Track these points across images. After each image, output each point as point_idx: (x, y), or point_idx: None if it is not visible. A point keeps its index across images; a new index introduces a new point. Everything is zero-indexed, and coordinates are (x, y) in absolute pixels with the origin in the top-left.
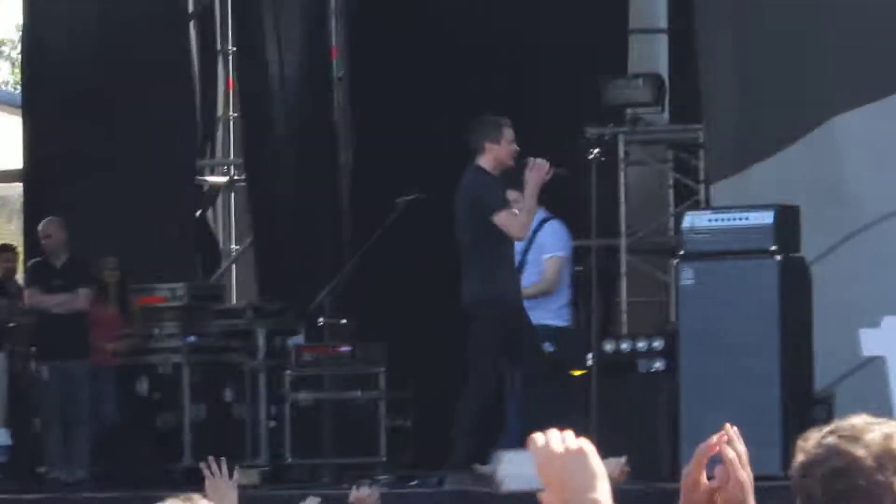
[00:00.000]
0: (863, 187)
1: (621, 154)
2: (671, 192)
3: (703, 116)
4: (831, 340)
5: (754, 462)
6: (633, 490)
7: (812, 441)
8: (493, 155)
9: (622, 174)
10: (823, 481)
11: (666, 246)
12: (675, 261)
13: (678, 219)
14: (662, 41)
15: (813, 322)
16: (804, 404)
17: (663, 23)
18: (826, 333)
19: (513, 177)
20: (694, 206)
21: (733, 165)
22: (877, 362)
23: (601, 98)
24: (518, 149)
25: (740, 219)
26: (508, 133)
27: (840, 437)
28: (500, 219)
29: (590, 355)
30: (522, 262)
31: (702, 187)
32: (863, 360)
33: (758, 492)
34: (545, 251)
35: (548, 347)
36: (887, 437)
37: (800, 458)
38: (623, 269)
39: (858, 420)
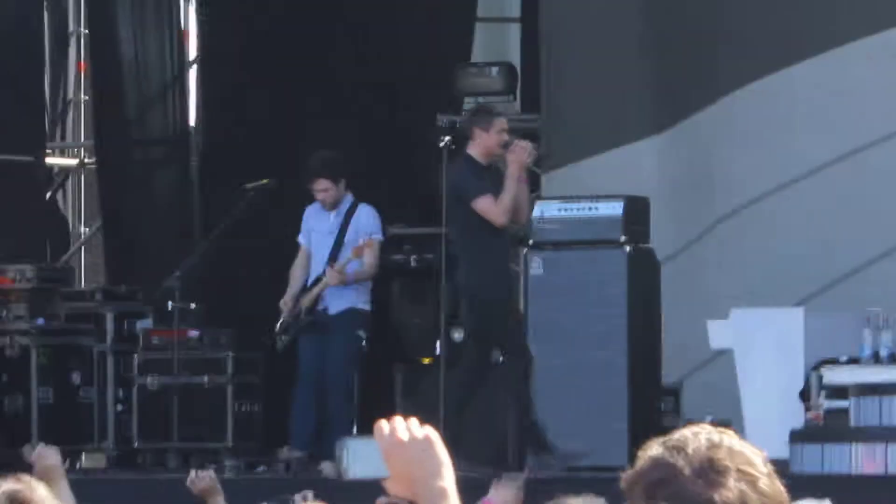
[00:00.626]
0: (727, 177)
1: None
2: None
3: (542, 105)
4: (685, 332)
5: (601, 454)
6: (480, 479)
7: (645, 451)
8: (483, 142)
9: None
10: (646, 492)
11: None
12: (524, 250)
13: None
14: (515, 30)
15: (662, 313)
16: (651, 395)
17: (516, 11)
18: (681, 325)
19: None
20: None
21: (571, 155)
22: (727, 354)
23: (453, 86)
24: (508, 139)
25: (590, 209)
26: (499, 122)
27: (665, 447)
28: (480, 205)
29: (438, 343)
30: (337, 245)
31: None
32: (714, 352)
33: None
34: (363, 233)
35: (361, 334)
36: (712, 446)
37: (634, 467)
38: None
39: (690, 430)
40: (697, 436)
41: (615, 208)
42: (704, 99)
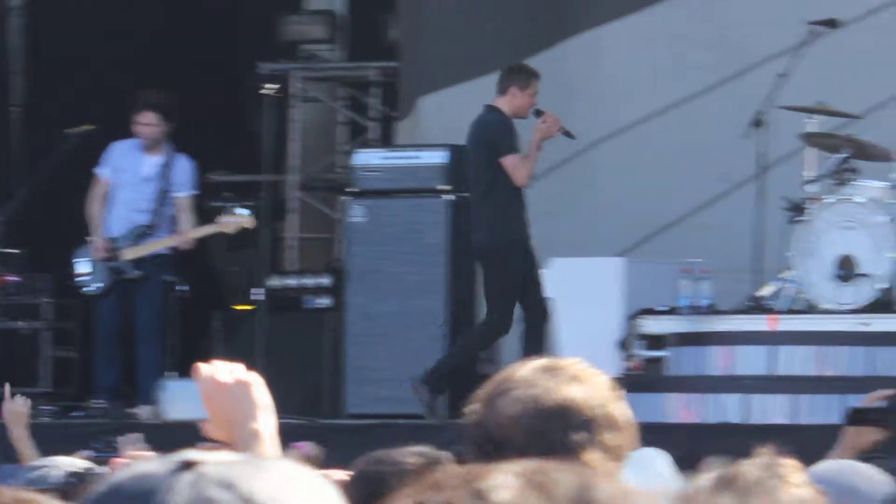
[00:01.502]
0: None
1: (293, 90)
2: (343, 129)
3: (400, 53)
4: None
5: (418, 401)
6: (295, 425)
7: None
8: (516, 101)
9: (293, 111)
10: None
11: (336, 183)
12: (345, 198)
13: (349, 156)
14: None
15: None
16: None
17: None
18: None
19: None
20: (365, 143)
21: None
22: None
23: (276, 34)
24: (537, 102)
25: (412, 158)
26: (535, 85)
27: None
28: (509, 162)
29: (259, 290)
30: (162, 195)
31: (372, 125)
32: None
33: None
34: (178, 190)
35: (168, 278)
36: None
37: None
38: (292, 205)
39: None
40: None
41: (439, 157)
42: (541, 43)
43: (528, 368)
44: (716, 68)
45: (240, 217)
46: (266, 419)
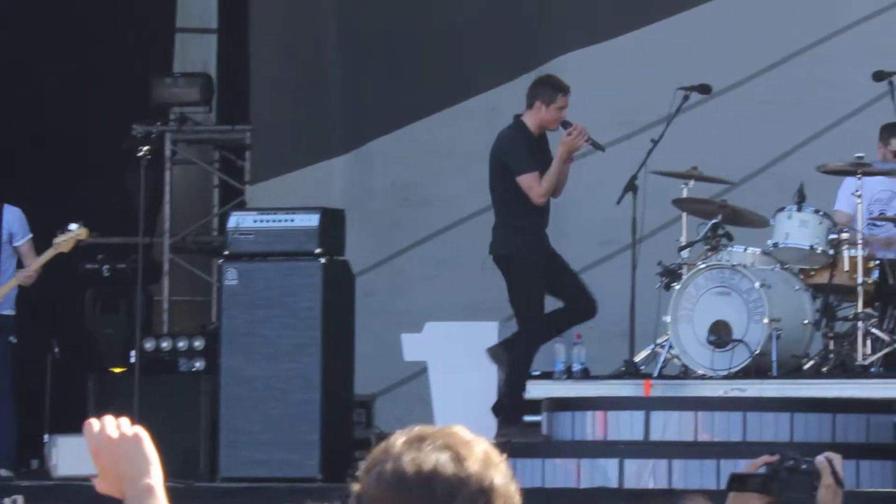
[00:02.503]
0: (431, 194)
1: (167, 153)
2: (216, 192)
3: (252, 117)
4: (382, 343)
5: (294, 465)
6: (171, 488)
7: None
8: (540, 115)
9: (168, 173)
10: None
11: (210, 245)
12: (219, 261)
13: (223, 219)
14: (212, 41)
15: (355, 325)
16: (344, 408)
17: (214, 22)
18: (377, 336)
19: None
20: (239, 206)
21: (278, 167)
22: (422, 366)
23: (150, 96)
24: (565, 116)
25: (286, 220)
26: (562, 100)
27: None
28: (524, 181)
29: (132, 353)
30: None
31: (247, 188)
32: (411, 364)
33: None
34: (18, 238)
35: (12, 340)
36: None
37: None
38: (166, 267)
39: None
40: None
41: (311, 220)
42: (413, 114)
43: (399, 439)
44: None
45: (72, 232)
46: (157, 474)
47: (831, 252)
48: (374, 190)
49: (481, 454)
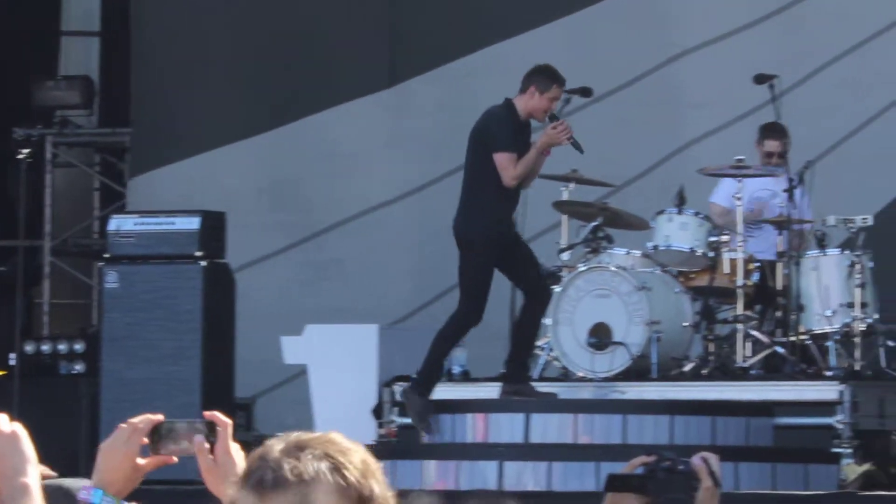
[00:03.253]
0: (317, 194)
1: (48, 156)
2: (97, 194)
3: (132, 119)
4: (262, 346)
5: (174, 467)
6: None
7: None
8: (533, 102)
9: (49, 176)
10: None
11: (91, 248)
12: (100, 263)
13: (104, 222)
14: (95, 44)
15: (235, 328)
16: (224, 410)
17: (96, 25)
18: (257, 339)
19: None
20: (119, 209)
21: (155, 164)
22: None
23: (31, 99)
24: (556, 108)
25: (166, 223)
26: (556, 91)
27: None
28: (500, 158)
29: (12, 356)
30: None
31: (128, 185)
32: (291, 367)
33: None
34: None
35: None
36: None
37: None
38: (47, 270)
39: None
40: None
41: (192, 223)
42: (297, 112)
43: (277, 446)
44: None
45: None
46: (34, 473)
47: (711, 255)
48: (251, 190)
49: (360, 463)
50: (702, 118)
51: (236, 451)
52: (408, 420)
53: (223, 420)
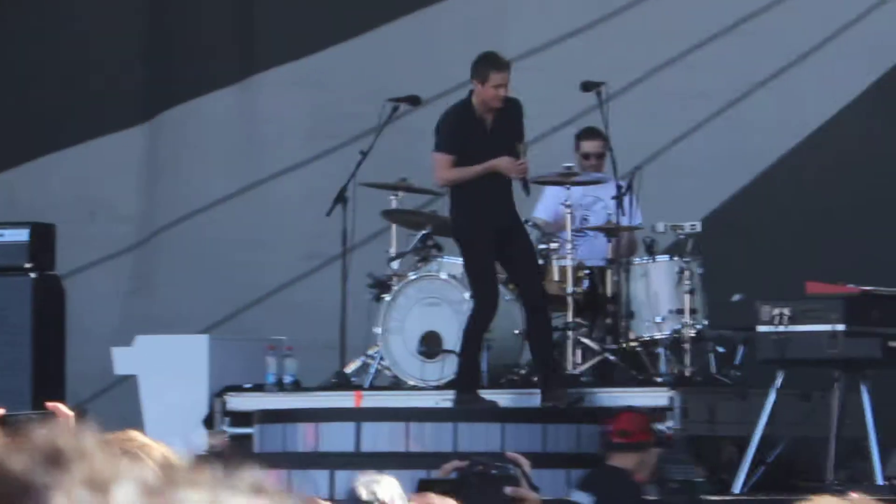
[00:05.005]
0: (130, 204)
1: None
2: None
3: None
4: (93, 357)
5: None
6: None
7: None
8: (481, 94)
9: None
10: None
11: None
12: None
13: None
14: None
15: (66, 340)
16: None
17: None
18: (88, 350)
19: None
20: None
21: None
22: (132, 380)
23: None
24: (504, 94)
25: None
26: (496, 77)
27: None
28: (434, 158)
29: None
30: None
31: None
32: (118, 378)
33: None
34: None
35: None
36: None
37: None
38: None
39: None
40: None
41: (21, 235)
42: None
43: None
44: (304, 145)
45: None
46: None
47: (541, 262)
48: (58, 203)
49: (160, 457)
50: (530, 125)
51: None
52: (239, 430)
53: (64, 412)
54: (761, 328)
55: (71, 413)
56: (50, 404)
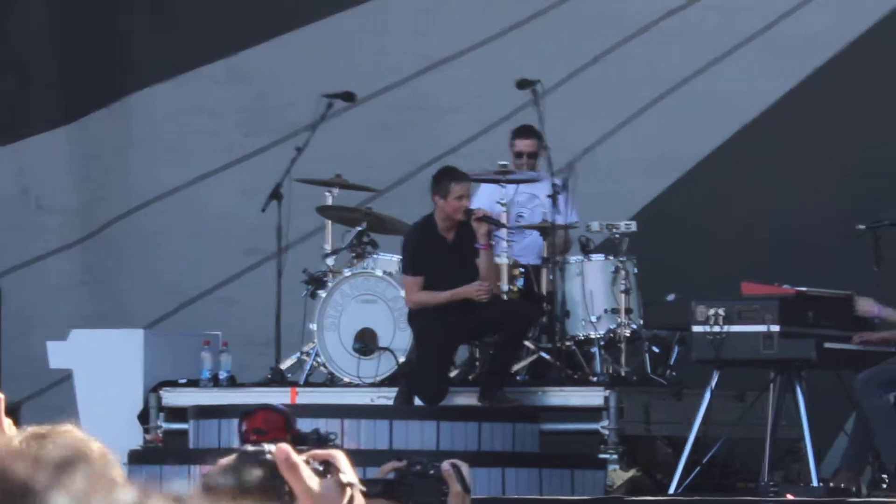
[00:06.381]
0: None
1: None
2: None
3: None
4: (23, 352)
5: None
6: None
7: None
8: (443, 210)
9: None
10: None
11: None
12: None
13: None
14: None
15: (1, 333)
16: None
17: None
18: (23, 343)
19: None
20: None
21: None
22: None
23: None
24: (467, 204)
25: None
26: (456, 188)
27: None
28: (403, 281)
29: None
30: None
31: None
32: (54, 373)
33: None
34: None
35: None
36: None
37: None
38: None
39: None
40: None
41: None
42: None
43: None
44: (241, 140)
45: None
46: None
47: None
48: (14, 191)
49: (97, 452)
50: (467, 122)
51: (8, 425)
52: (174, 425)
53: None
54: (696, 328)
55: (1, 395)
56: None
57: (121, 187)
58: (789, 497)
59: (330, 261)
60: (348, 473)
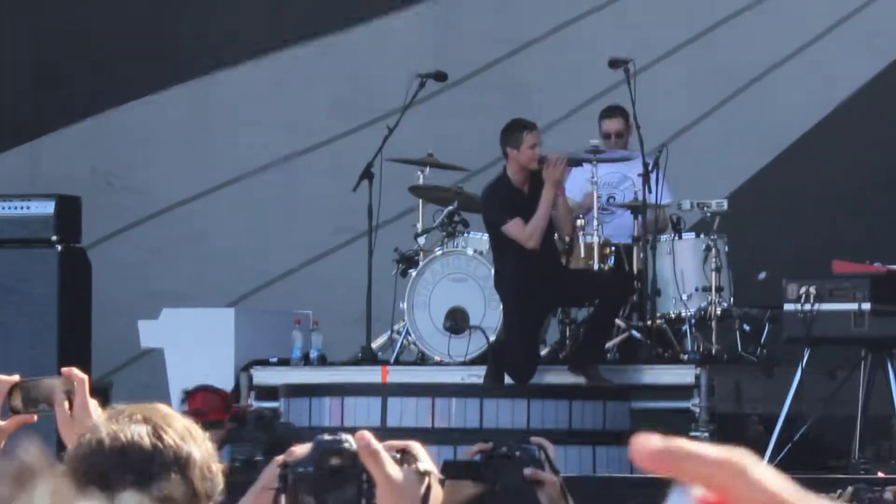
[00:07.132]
0: (150, 176)
1: None
2: None
3: None
4: (113, 330)
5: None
6: None
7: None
8: (516, 162)
9: None
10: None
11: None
12: None
13: None
14: None
15: (92, 311)
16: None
17: None
18: (108, 323)
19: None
20: None
21: None
22: (157, 353)
23: None
24: (539, 153)
25: (21, 207)
26: (529, 138)
27: None
28: (508, 231)
29: None
30: None
31: None
32: (143, 351)
33: None
34: None
35: None
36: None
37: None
38: None
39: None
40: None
41: (47, 207)
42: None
43: (105, 415)
44: (332, 121)
45: None
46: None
47: (567, 239)
48: (74, 176)
49: (181, 428)
50: (559, 102)
51: (94, 406)
52: (265, 404)
53: (80, 376)
54: (788, 306)
55: (84, 376)
56: (64, 369)
57: (204, 166)
58: (880, 475)
59: (421, 240)
60: (426, 462)
